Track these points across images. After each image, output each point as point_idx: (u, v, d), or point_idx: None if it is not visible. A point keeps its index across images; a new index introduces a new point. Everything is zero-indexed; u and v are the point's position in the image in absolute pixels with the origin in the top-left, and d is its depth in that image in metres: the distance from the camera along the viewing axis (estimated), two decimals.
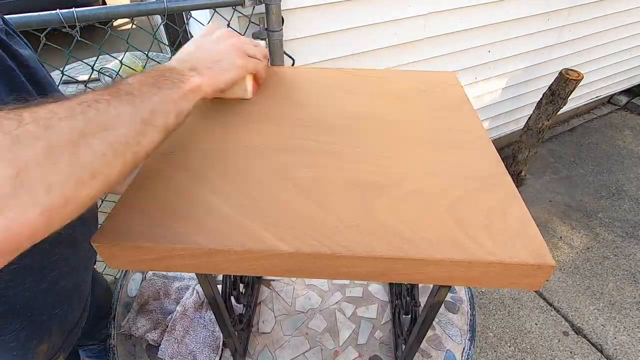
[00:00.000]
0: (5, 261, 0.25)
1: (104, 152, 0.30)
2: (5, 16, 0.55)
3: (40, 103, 0.29)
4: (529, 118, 2.17)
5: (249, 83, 0.56)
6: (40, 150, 0.26)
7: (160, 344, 0.76)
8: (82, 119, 0.30)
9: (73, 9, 0.90)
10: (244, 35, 1.21)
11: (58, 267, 0.58)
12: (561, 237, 2.07)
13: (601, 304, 1.76)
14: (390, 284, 0.87)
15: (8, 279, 0.51)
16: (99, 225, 0.42)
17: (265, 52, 0.57)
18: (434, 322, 0.82)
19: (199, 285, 0.85)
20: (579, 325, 1.68)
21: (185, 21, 1.53)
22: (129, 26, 4.29)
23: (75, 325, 0.67)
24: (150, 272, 0.90)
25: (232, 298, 0.64)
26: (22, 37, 0.56)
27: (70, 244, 0.59)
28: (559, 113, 2.10)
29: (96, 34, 1.28)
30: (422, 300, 0.60)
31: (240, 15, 1.19)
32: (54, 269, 0.57)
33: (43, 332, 0.60)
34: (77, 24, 0.90)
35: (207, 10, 1.13)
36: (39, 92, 0.51)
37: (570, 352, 1.58)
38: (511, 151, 2.32)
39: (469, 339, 0.79)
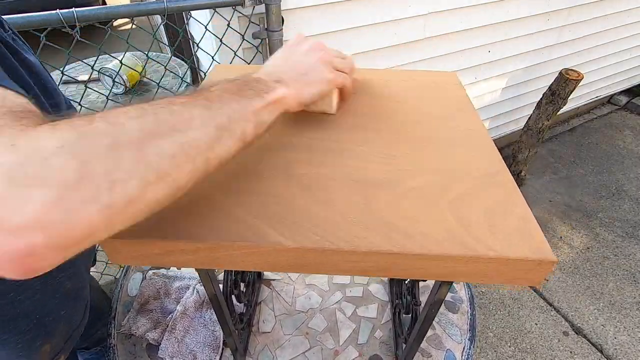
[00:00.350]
0: (64, 257, 0.25)
1: (173, 154, 0.29)
2: (6, 16, 0.55)
3: (116, 107, 0.30)
4: (529, 118, 2.17)
5: (335, 97, 0.53)
6: (105, 146, 0.25)
7: (160, 344, 0.76)
8: (153, 120, 0.29)
9: (73, 9, 0.90)
10: (244, 34, 1.21)
11: (65, 269, 0.58)
12: (561, 237, 2.07)
13: (601, 304, 1.76)
14: (391, 284, 0.87)
15: (17, 284, 0.51)
16: None
17: (352, 65, 0.55)
18: (434, 322, 0.82)
19: (199, 284, 0.85)
20: (579, 325, 1.68)
21: (185, 21, 1.53)
22: (129, 26, 4.29)
23: (78, 326, 0.68)
24: (150, 271, 0.90)
25: (233, 297, 0.64)
26: (25, 42, 0.56)
27: None
28: (559, 113, 2.10)
29: (96, 34, 1.28)
30: (423, 299, 0.60)
31: (240, 15, 1.19)
32: (62, 272, 0.58)
33: (48, 334, 0.60)
34: (77, 24, 0.90)
35: (207, 10, 1.13)
36: (46, 98, 0.51)
37: (570, 352, 1.58)
38: (511, 151, 2.32)
39: (469, 339, 0.79)
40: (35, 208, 0.22)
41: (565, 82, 1.91)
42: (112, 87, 1.35)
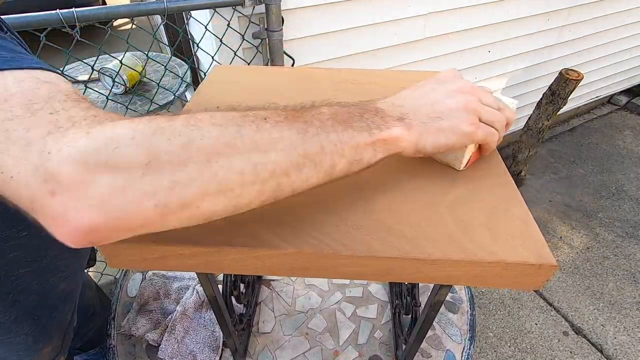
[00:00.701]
0: (120, 237, 0.26)
1: (242, 171, 0.28)
2: (5, 16, 0.55)
3: (208, 111, 0.29)
4: (529, 118, 2.17)
5: (468, 154, 0.43)
6: (177, 147, 0.26)
7: (160, 344, 0.76)
8: (235, 132, 0.28)
9: (73, 9, 0.90)
10: (244, 34, 1.21)
11: (60, 270, 0.59)
12: (561, 237, 2.07)
13: (601, 304, 1.76)
14: (391, 284, 0.87)
15: (17, 284, 0.51)
16: None
17: (507, 119, 0.44)
18: (434, 322, 0.82)
19: (199, 285, 0.85)
20: (579, 325, 1.68)
21: (185, 21, 1.53)
22: (129, 26, 4.29)
23: (68, 327, 0.68)
24: (150, 272, 0.90)
25: (233, 298, 0.64)
26: (22, 42, 0.56)
27: (72, 250, 0.59)
28: (559, 113, 2.10)
29: (96, 34, 1.28)
30: (422, 300, 0.60)
31: (240, 15, 1.19)
32: (57, 272, 0.58)
33: (47, 335, 0.61)
34: (77, 24, 0.90)
35: (207, 10, 1.13)
36: None
37: (570, 352, 1.58)
38: (511, 151, 2.32)
39: (469, 339, 0.79)
40: (101, 192, 0.24)
41: (565, 82, 1.91)
42: (112, 87, 1.35)
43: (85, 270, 0.86)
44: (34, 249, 0.51)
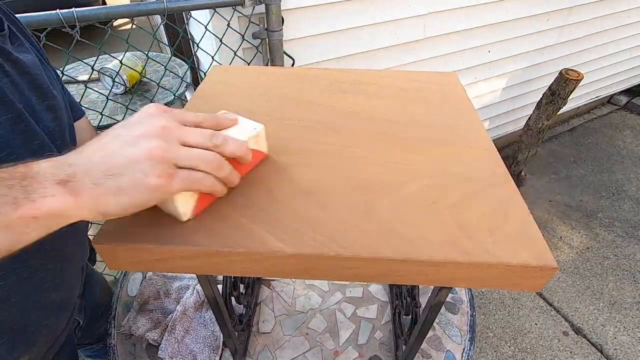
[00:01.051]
0: None
1: None
2: None
3: None
4: (529, 118, 2.17)
5: (185, 205, 0.36)
6: None
7: (160, 344, 0.75)
8: None
9: (73, 9, 0.90)
10: (244, 34, 1.21)
11: (49, 281, 0.56)
12: (561, 237, 2.07)
13: (601, 304, 1.76)
14: (391, 285, 0.87)
15: None
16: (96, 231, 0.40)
17: (231, 154, 0.37)
18: (434, 323, 0.82)
19: (199, 284, 0.85)
20: (578, 325, 1.68)
21: (185, 21, 1.53)
22: (129, 26, 4.29)
23: (61, 333, 0.65)
24: (150, 272, 0.90)
25: (233, 298, 0.64)
26: (30, 36, 0.55)
27: (62, 259, 0.57)
28: (559, 113, 2.10)
29: (96, 34, 1.28)
30: (423, 300, 0.60)
31: (240, 15, 1.19)
32: (45, 284, 0.55)
33: (27, 344, 0.57)
34: (77, 24, 0.91)
35: (207, 10, 1.13)
36: (40, 99, 0.49)
37: (570, 352, 1.58)
38: (511, 151, 2.32)
39: (469, 340, 0.79)
40: None
41: (565, 82, 1.91)
42: (112, 87, 1.35)
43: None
44: (4, 264, 0.46)
